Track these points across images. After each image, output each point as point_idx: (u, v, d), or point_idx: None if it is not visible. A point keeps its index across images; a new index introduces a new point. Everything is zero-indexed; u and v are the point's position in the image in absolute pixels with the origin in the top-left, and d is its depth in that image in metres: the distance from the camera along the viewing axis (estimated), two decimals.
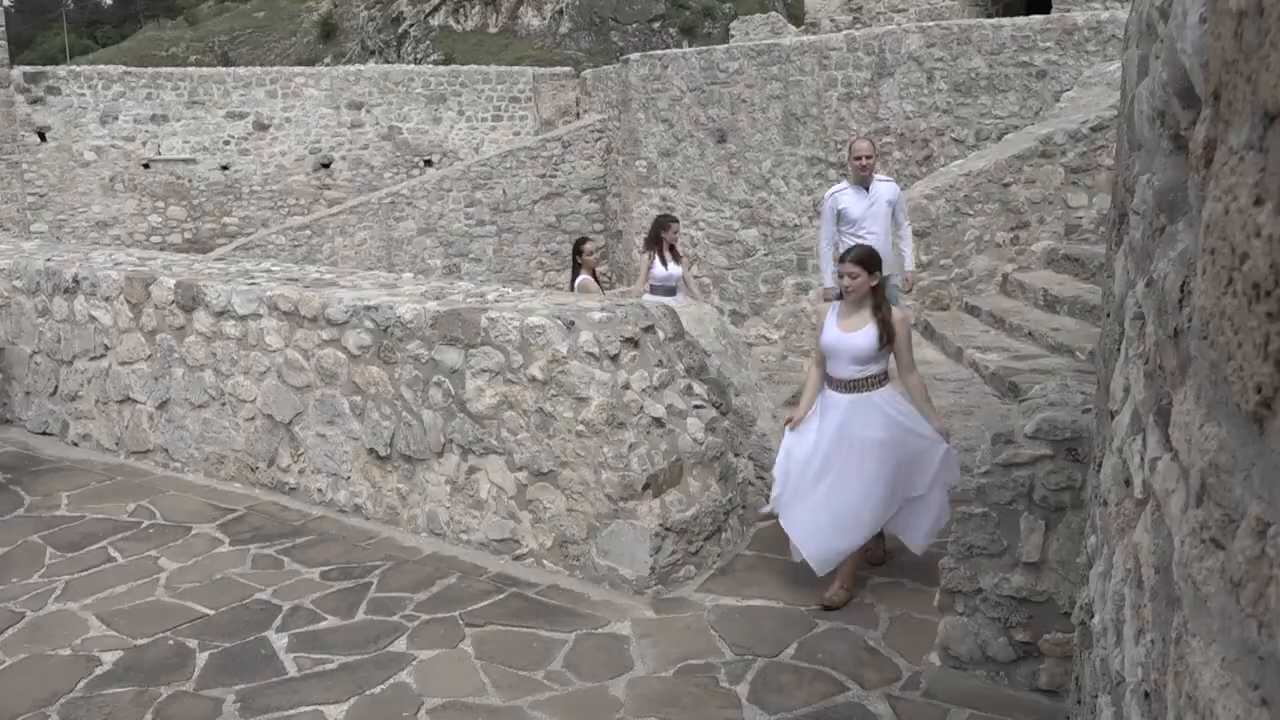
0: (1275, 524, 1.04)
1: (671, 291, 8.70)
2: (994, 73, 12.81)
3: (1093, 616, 2.49)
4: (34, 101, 20.38)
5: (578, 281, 8.84)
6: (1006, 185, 10.42)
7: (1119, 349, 2.43)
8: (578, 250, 8.99)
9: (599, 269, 9.01)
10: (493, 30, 55.30)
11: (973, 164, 10.86)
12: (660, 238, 8.85)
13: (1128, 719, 1.82)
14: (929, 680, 4.49)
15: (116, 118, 20.89)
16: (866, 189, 7.77)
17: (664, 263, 8.84)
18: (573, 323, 5.45)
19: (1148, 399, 1.85)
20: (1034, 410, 4.53)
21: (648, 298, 8.35)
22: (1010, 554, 4.37)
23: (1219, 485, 1.20)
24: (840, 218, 7.77)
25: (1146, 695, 1.64)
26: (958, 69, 13.18)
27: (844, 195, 7.81)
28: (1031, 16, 13.27)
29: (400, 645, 4.85)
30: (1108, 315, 2.86)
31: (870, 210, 7.70)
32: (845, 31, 16.12)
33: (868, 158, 7.70)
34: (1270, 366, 1.06)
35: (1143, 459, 1.87)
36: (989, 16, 16.27)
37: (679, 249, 9.09)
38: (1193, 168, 1.52)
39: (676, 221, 9.23)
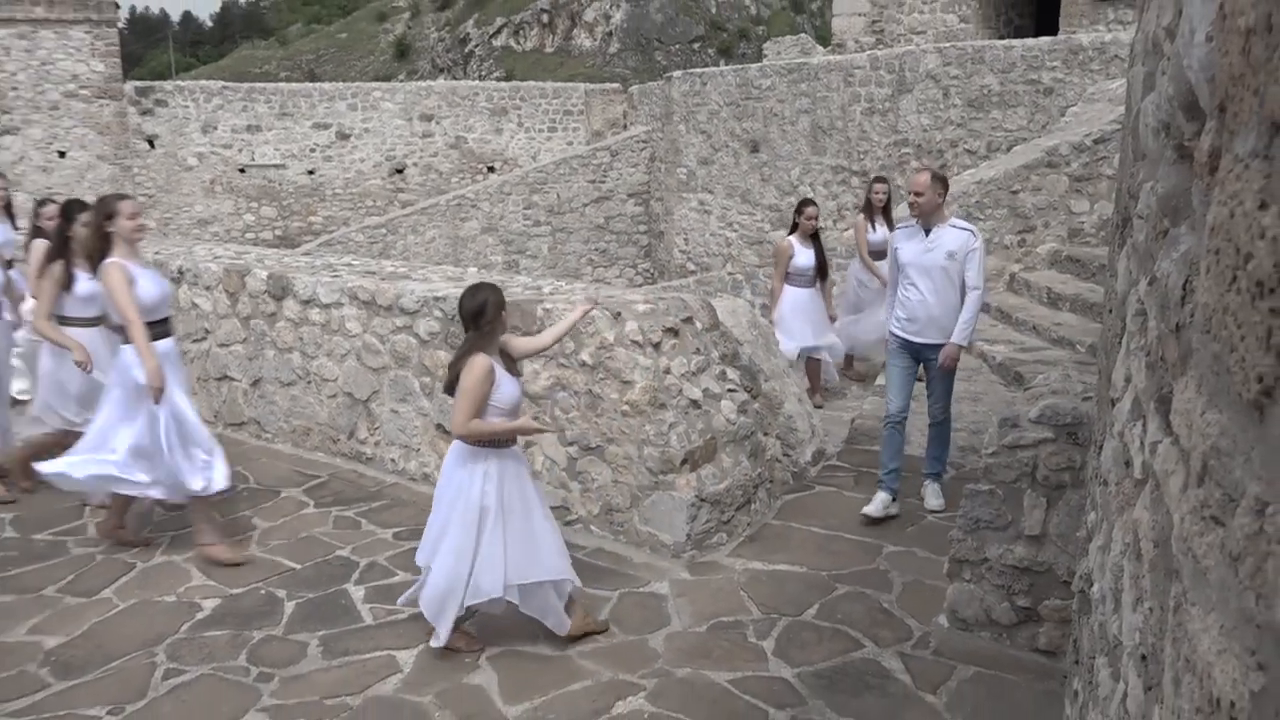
0: (1273, 503, 1.01)
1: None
2: (1005, 89, 12.62)
3: (1092, 585, 2.46)
4: (144, 113, 20.68)
5: (781, 238, 8.12)
6: (1015, 192, 10.28)
7: (1120, 342, 2.39)
8: (799, 211, 8.07)
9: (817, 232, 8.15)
10: (549, 50, 55.32)
11: (984, 173, 10.72)
12: (870, 201, 8.24)
13: (1125, 678, 1.79)
14: (938, 640, 4.45)
15: (216, 127, 21.14)
16: (926, 232, 5.65)
17: (873, 227, 8.29)
18: (619, 314, 5.44)
19: (1149, 388, 1.82)
20: (1038, 397, 4.47)
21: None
22: (1014, 527, 4.32)
23: (1220, 467, 1.17)
24: (898, 259, 5.84)
25: (1144, 658, 1.61)
26: (971, 86, 13.00)
27: (902, 234, 5.83)
28: (1040, 38, 13.05)
29: None
30: (1109, 311, 2.81)
31: (923, 259, 5.60)
32: (868, 52, 15.94)
33: (917, 194, 5.58)
34: (1272, 358, 1.03)
35: (1143, 443, 1.84)
36: (1001, 38, 16.03)
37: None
38: (1197, 175, 1.49)
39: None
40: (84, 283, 5.71)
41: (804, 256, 7.91)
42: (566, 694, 4.08)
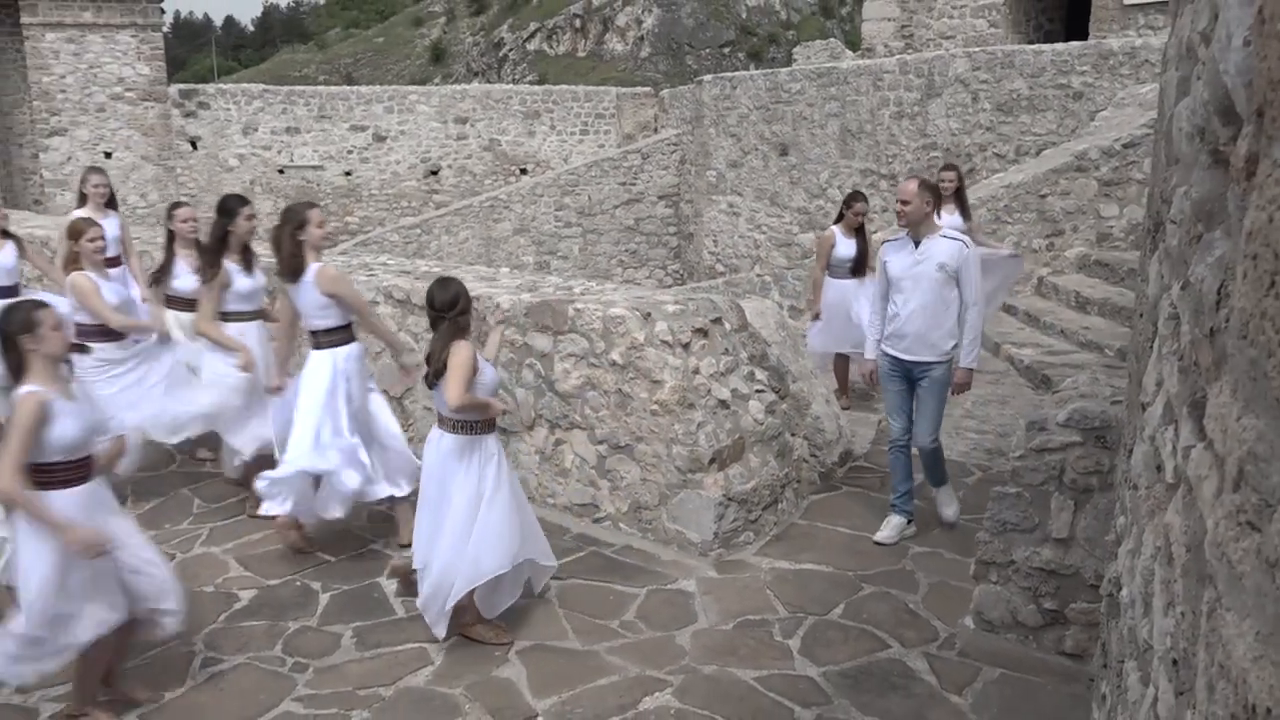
0: None
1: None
2: (1034, 94, 12.49)
3: (1120, 589, 2.42)
4: (187, 115, 20.92)
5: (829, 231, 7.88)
6: (1043, 196, 10.17)
7: (1151, 346, 2.36)
8: (848, 204, 7.77)
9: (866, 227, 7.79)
10: (581, 54, 55.42)
11: (1013, 177, 10.61)
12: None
13: (1155, 683, 1.76)
14: (963, 641, 4.41)
15: (256, 129, 21.34)
16: (916, 244, 5.21)
17: (938, 214, 7.82)
18: (649, 314, 5.44)
19: (1181, 392, 1.79)
20: (1066, 400, 4.42)
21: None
22: (1041, 530, 4.27)
23: (1256, 472, 1.15)
24: (886, 273, 5.35)
25: (1175, 663, 1.59)
26: (1000, 90, 12.87)
27: (891, 246, 5.35)
28: (1070, 43, 12.90)
29: None
30: (1140, 315, 2.77)
31: (912, 272, 5.17)
32: (898, 56, 15.83)
33: (904, 202, 5.14)
34: None
35: (1175, 447, 1.81)
36: (1030, 43, 15.87)
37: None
38: (1233, 180, 1.46)
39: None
40: (243, 279, 5.74)
41: (845, 247, 7.65)
42: (594, 689, 4.08)
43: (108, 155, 20.25)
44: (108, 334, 5.72)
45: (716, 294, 7.42)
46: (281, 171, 21.54)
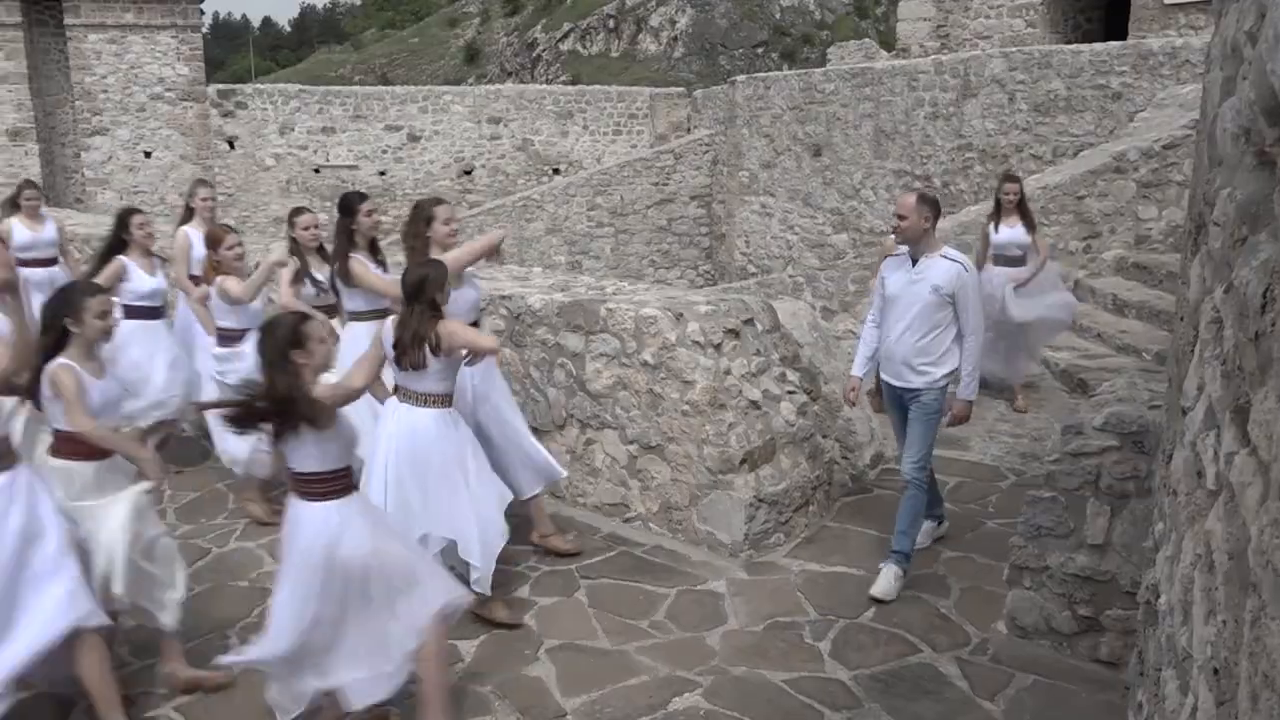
0: None
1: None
2: (1072, 94, 12.34)
3: (1159, 597, 2.39)
4: (225, 115, 21.17)
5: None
6: (1080, 198, 10.04)
7: (1193, 351, 2.32)
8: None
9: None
10: (615, 54, 55.49)
11: (1050, 178, 10.49)
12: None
13: (1195, 692, 1.73)
14: (996, 646, 4.37)
15: (293, 129, 21.55)
16: (914, 262, 4.80)
17: (996, 228, 7.47)
18: (681, 314, 5.43)
19: (1224, 397, 1.76)
20: (1103, 405, 4.37)
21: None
22: (1076, 535, 4.23)
23: None
24: (884, 291, 4.95)
25: (1216, 672, 1.56)
26: (1038, 91, 12.73)
27: (891, 263, 4.97)
28: (1109, 43, 12.74)
29: (524, 592, 4.91)
30: (1181, 319, 2.73)
31: (906, 291, 4.77)
32: (933, 56, 15.71)
33: (900, 217, 4.74)
34: None
35: (1217, 453, 1.78)
36: (1068, 43, 15.69)
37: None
38: None
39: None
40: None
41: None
42: (623, 689, 4.08)
43: (147, 154, 20.54)
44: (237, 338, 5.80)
45: (749, 295, 7.40)
46: (317, 171, 21.74)
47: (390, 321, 4.29)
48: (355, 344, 5.03)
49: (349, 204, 5.74)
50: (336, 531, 3.47)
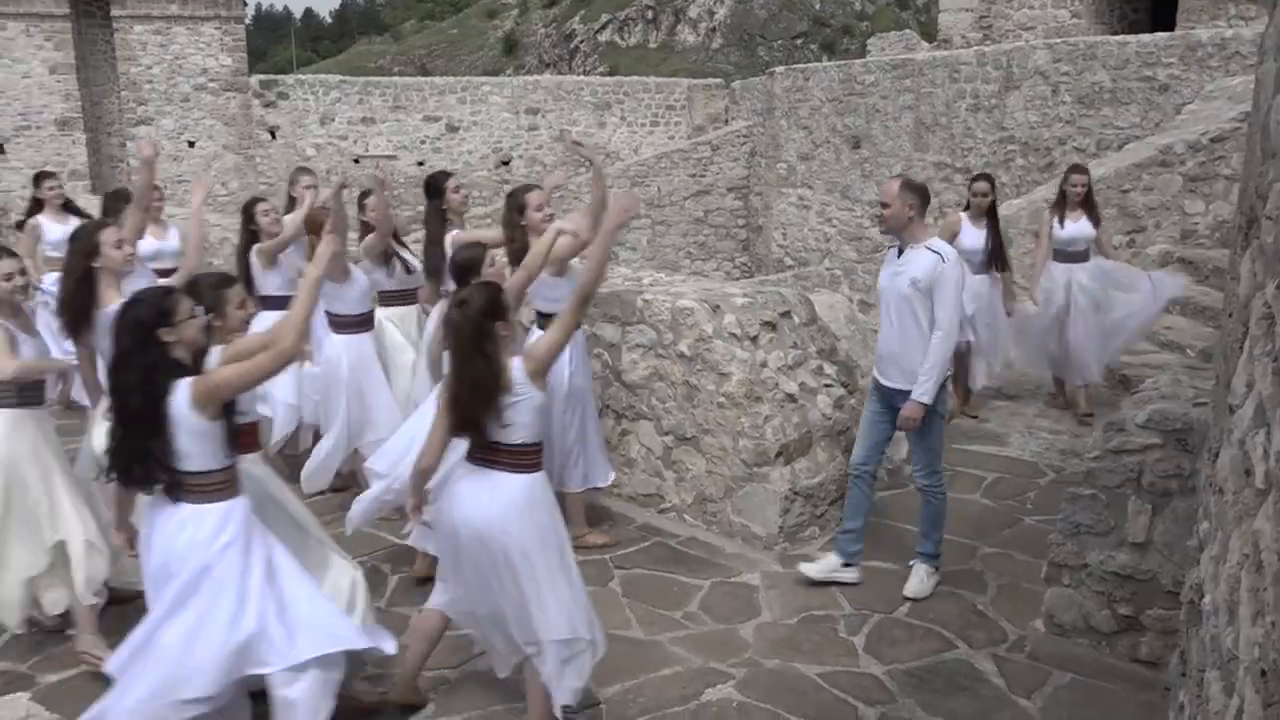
0: None
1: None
2: (1117, 86, 12.13)
3: (1203, 596, 2.35)
4: (267, 105, 21.38)
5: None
6: (1125, 192, 9.88)
7: (1242, 347, 2.28)
8: (969, 186, 7.29)
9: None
10: (653, 46, 55.36)
11: (1094, 171, 10.32)
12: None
13: (1240, 693, 1.70)
14: (1033, 644, 4.33)
15: (333, 119, 21.72)
16: (899, 253, 4.62)
17: (1061, 223, 7.08)
18: (718, 306, 5.42)
19: (1275, 395, 1.72)
20: (1146, 401, 4.30)
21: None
22: (1116, 533, 4.17)
23: None
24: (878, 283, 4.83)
25: (1263, 673, 1.53)
26: (1082, 83, 12.54)
27: (888, 256, 4.76)
28: (1156, 33, 12.51)
29: None
30: (1230, 315, 2.67)
31: (890, 285, 4.60)
32: (975, 47, 15.52)
33: (884, 205, 4.55)
34: None
35: (1266, 451, 1.75)
36: (1114, 34, 15.43)
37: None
38: None
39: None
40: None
41: (971, 237, 6.95)
42: (657, 679, 4.09)
43: (191, 144, 20.80)
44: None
45: (786, 287, 7.36)
46: (357, 161, 21.90)
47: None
48: None
49: (436, 184, 5.70)
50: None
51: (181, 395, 3.19)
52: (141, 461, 3.22)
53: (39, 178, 7.77)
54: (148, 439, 3.19)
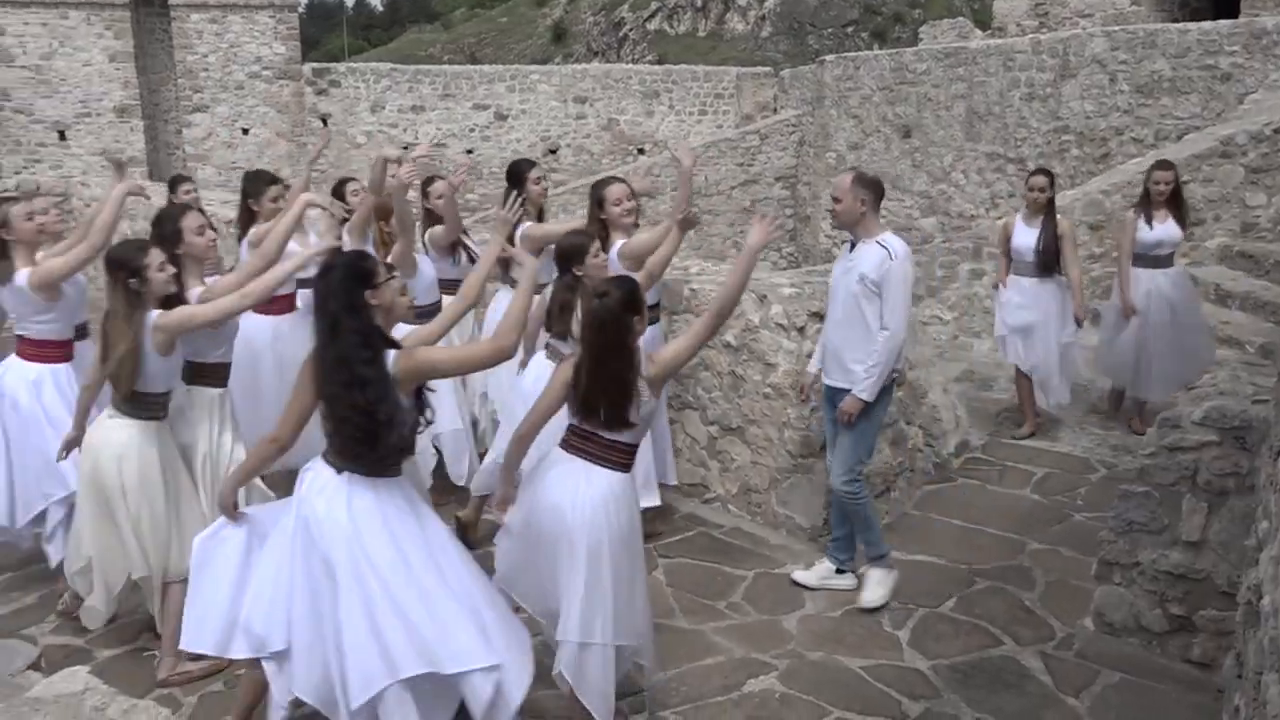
0: None
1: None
2: (1177, 75, 11.85)
3: (1261, 597, 2.30)
4: (319, 93, 21.63)
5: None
6: (1184, 183, 9.65)
7: None
8: (1025, 180, 6.76)
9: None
10: (701, 34, 55.09)
11: (1150, 162, 10.11)
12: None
13: None
14: (1082, 642, 4.27)
15: (384, 107, 21.91)
16: (852, 247, 4.49)
17: (1149, 224, 6.50)
18: (765, 296, 5.39)
19: None
20: (1202, 398, 4.22)
21: None
22: (1170, 532, 4.10)
23: None
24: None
25: None
26: (1140, 71, 12.25)
27: (844, 250, 4.61)
28: (1219, 21, 12.18)
29: None
30: None
31: (841, 280, 4.45)
32: (1030, 35, 15.23)
33: (835, 199, 4.39)
34: None
35: None
36: (1175, 21, 15.07)
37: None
38: None
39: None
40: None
41: (1024, 236, 6.52)
42: (699, 668, 4.10)
43: (245, 131, 21.11)
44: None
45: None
46: (406, 148, 22.07)
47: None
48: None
49: (518, 172, 5.50)
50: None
51: (388, 367, 3.06)
52: (394, 428, 3.05)
53: (174, 182, 7.20)
54: (390, 406, 3.02)
